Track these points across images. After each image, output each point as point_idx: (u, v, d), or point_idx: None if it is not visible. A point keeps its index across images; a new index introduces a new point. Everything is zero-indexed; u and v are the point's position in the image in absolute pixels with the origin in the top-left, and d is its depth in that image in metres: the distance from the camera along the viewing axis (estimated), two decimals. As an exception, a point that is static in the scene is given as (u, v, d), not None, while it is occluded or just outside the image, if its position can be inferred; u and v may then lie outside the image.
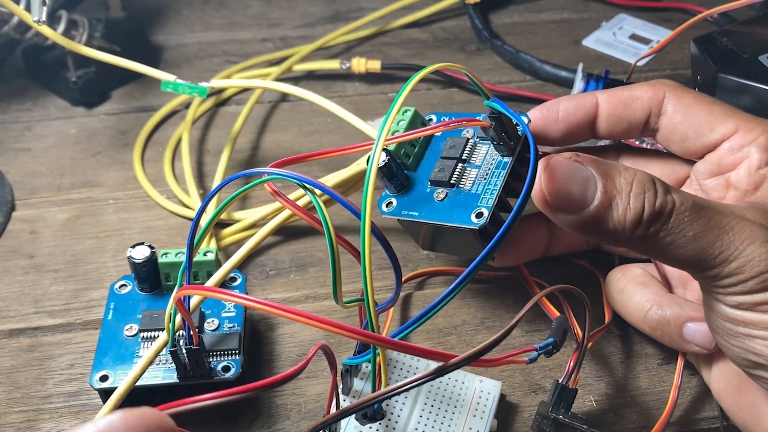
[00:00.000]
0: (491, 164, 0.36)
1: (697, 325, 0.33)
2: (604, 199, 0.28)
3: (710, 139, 0.34)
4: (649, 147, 0.46)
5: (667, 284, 0.37)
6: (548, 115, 0.36)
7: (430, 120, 0.40)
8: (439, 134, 0.39)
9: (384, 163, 0.36)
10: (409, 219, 0.36)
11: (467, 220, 0.34)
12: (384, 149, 0.36)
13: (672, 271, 0.37)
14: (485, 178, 0.35)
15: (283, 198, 0.31)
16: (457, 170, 0.36)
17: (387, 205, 0.37)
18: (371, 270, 0.30)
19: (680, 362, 0.36)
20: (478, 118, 0.35)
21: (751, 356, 0.29)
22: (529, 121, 0.35)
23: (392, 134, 0.37)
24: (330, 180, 0.42)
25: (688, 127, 0.35)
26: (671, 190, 0.29)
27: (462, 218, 0.35)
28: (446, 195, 0.36)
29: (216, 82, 0.48)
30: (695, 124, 0.35)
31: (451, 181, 0.36)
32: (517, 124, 0.35)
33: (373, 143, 0.33)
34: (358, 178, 0.43)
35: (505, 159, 0.36)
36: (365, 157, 0.41)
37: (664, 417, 0.34)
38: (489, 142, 0.37)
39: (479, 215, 0.34)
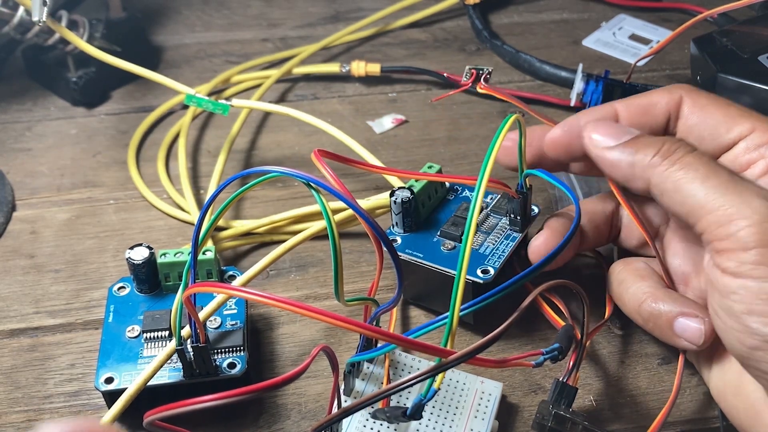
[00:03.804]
0: (500, 234, 0.39)
1: (689, 320, 0.33)
2: (633, 138, 0.34)
3: (726, 139, 0.35)
4: None
5: (669, 280, 0.37)
6: (571, 131, 0.36)
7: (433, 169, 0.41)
8: (458, 193, 0.42)
9: (408, 199, 0.38)
10: (412, 259, 0.38)
11: (473, 273, 0.36)
12: (409, 188, 0.39)
13: (675, 269, 0.37)
14: (494, 244, 0.38)
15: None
16: None
17: (392, 242, 0.38)
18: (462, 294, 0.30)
19: (681, 360, 0.36)
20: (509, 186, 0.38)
21: (748, 339, 0.29)
22: (577, 199, 0.36)
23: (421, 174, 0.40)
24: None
25: (704, 128, 0.35)
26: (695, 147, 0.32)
27: (468, 271, 0.35)
28: (454, 247, 0.38)
29: (236, 101, 0.48)
30: (711, 126, 0.35)
31: (462, 237, 0.37)
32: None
33: (427, 176, 0.39)
34: (370, 211, 0.44)
35: (515, 234, 0.39)
36: (387, 193, 0.42)
37: (662, 415, 0.34)
38: (501, 216, 0.40)
39: (485, 272, 0.37)
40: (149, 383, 0.34)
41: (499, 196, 0.41)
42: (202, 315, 0.35)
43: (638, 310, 0.35)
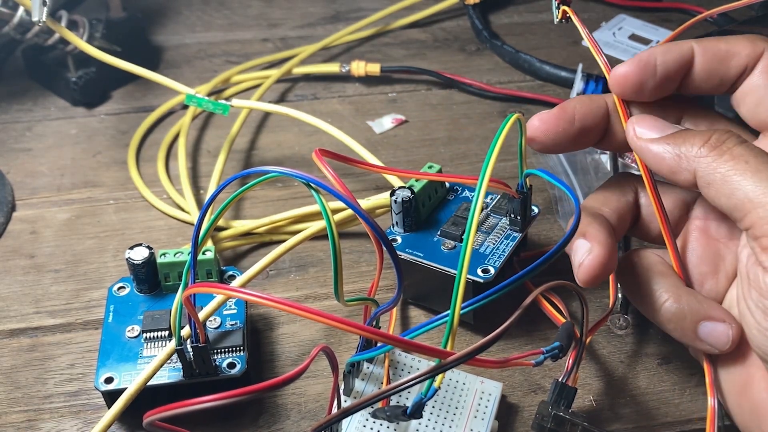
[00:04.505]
0: (500, 234, 0.39)
1: (714, 324, 0.32)
2: (679, 131, 0.32)
3: None
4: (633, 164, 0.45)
5: (686, 278, 0.35)
6: (646, 68, 0.33)
7: (431, 167, 0.41)
8: (458, 193, 0.42)
9: (408, 199, 0.38)
10: (413, 258, 0.38)
11: (473, 272, 0.37)
12: (409, 188, 0.39)
13: (691, 268, 0.35)
14: (494, 244, 0.39)
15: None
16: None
17: (392, 242, 0.38)
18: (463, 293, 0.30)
19: (708, 370, 0.33)
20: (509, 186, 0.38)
21: None
22: (578, 202, 0.34)
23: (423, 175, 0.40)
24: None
25: (766, 93, 0.33)
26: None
27: (468, 270, 0.35)
28: (454, 246, 0.38)
29: (236, 102, 0.48)
30: None
31: (462, 237, 0.37)
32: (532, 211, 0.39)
33: (437, 177, 0.38)
34: (370, 211, 0.44)
35: (515, 233, 0.39)
36: (387, 193, 0.42)
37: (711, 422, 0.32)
38: (501, 216, 0.40)
39: (485, 271, 0.37)
40: (149, 383, 0.34)
41: (500, 196, 0.41)
42: (201, 315, 0.35)
43: (659, 310, 0.33)
